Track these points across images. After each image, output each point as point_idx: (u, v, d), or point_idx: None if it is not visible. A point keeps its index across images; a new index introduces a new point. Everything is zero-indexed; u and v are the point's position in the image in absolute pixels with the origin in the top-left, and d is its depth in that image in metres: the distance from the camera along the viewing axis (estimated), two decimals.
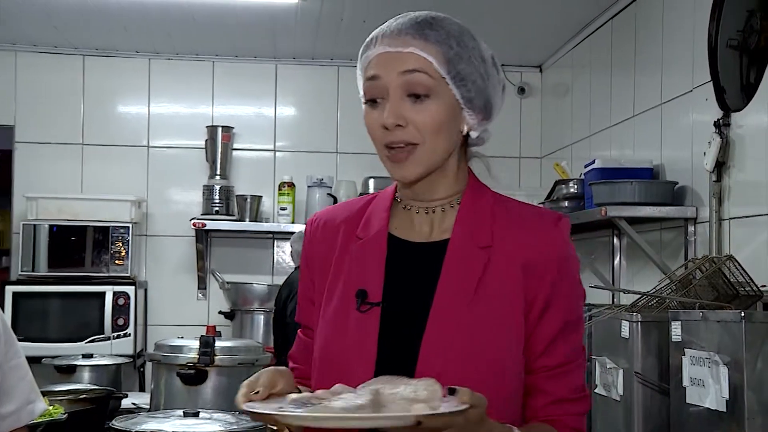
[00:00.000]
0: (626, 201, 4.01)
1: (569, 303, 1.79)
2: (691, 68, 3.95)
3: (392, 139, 1.74)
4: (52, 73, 6.30)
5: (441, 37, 1.75)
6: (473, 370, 1.68)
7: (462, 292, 1.74)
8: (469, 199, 1.83)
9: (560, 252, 1.79)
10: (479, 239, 1.78)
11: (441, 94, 1.75)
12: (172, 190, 6.39)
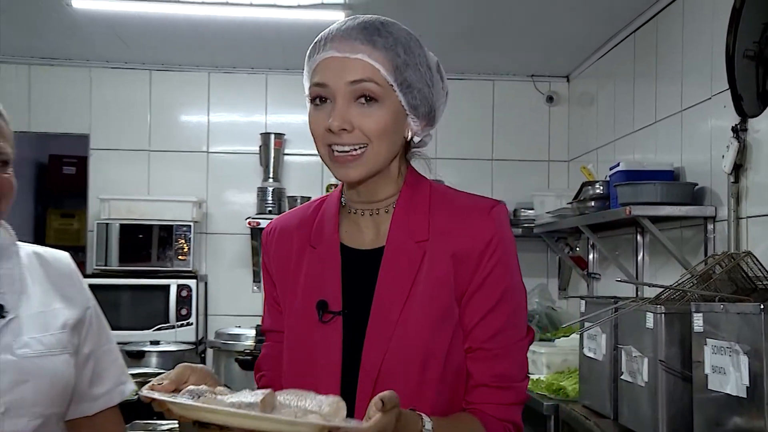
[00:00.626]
0: (649, 201, 3.97)
1: (495, 288, 1.70)
2: (709, 77, 3.90)
3: (337, 141, 1.68)
4: (122, 87, 6.34)
5: (389, 44, 1.69)
6: (407, 360, 1.65)
7: (398, 290, 1.70)
8: (406, 196, 1.78)
9: (489, 239, 1.70)
10: (416, 234, 1.73)
11: (387, 101, 1.69)
12: (229, 192, 6.39)
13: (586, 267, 5.62)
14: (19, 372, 1.76)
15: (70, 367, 1.87)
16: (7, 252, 1.87)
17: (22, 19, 5.27)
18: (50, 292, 1.90)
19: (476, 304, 1.70)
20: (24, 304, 1.84)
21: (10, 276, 1.84)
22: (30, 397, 1.77)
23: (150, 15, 5.11)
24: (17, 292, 1.83)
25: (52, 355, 1.83)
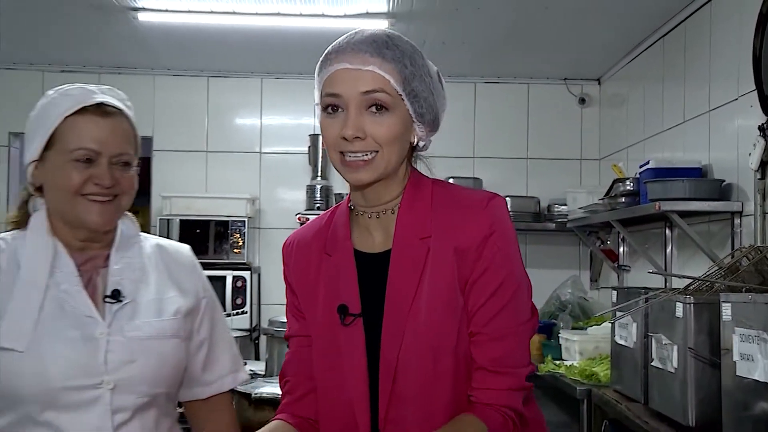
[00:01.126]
0: (678, 197, 3.94)
1: (495, 277, 1.68)
2: (736, 79, 3.86)
3: (350, 148, 1.67)
4: (182, 92, 6.39)
5: (397, 56, 1.69)
6: (422, 357, 1.65)
7: (406, 289, 1.69)
8: (409, 195, 1.77)
9: (487, 231, 1.68)
10: (420, 231, 1.72)
11: (397, 110, 1.69)
12: (281, 190, 6.42)
13: (616, 259, 5.59)
14: (129, 352, 1.80)
15: (180, 352, 1.91)
16: (130, 242, 1.93)
17: (93, 32, 5.35)
18: (167, 281, 1.94)
19: (477, 292, 1.68)
20: (142, 290, 1.88)
21: (131, 265, 1.89)
22: (137, 376, 1.80)
23: (208, 26, 5.15)
24: (136, 280, 1.88)
25: (161, 339, 1.86)
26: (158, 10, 4.86)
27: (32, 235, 1.86)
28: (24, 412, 1.74)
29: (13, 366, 1.73)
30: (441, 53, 5.62)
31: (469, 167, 6.23)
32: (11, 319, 1.75)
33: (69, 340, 1.77)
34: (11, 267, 1.83)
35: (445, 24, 4.95)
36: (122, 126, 1.86)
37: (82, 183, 1.79)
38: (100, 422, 1.75)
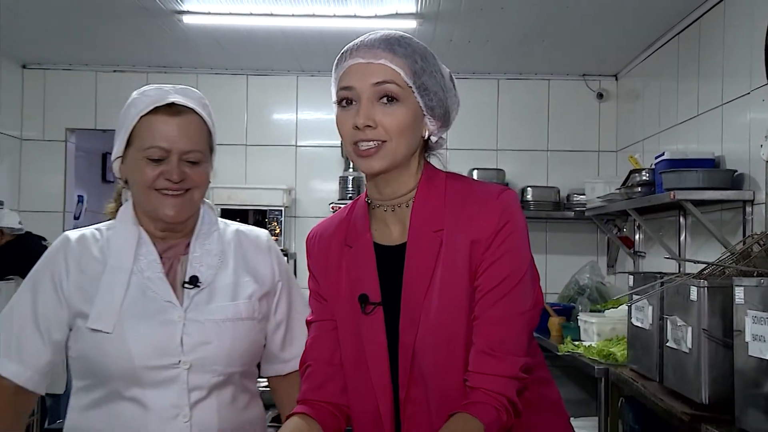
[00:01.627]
0: (692, 186, 3.91)
1: (503, 267, 1.64)
2: (749, 74, 3.82)
3: (362, 137, 1.65)
4: (223, 90, 6.42)
5: (408, 53, 1.68)
6: (434, 341, 1.64)
7: (421, 279, 1.67)
8: (424, 189, 1.74)
9: (498, 223, 1.65)
10: (433, 224, 1.70)
11: (406, 101, 1.67)
12: (315, 181, 6.44)
13: (632, 246, 5.57)
14: (204, 335, 1.82)
15: (254, 332, 1.92)
16: (210, 230, 1.94)
17: (141, 35, 5.41)
18: (243, 266, 1.94)
19: (485, 280, 1.65)
20: (219, 276, 1.89)
21: (209, 252, 1.90)
22: (212, 356, 1.82)
23: (248, 27, 5.18)
24: (214, 266, 1.89)
25: (235, 321, 1.87)
26: (202, 13, 4.90)
27: (120, 225, 1.89)
28: (112, 388, 1.79)
29: (102, 346, 1.77)
30: (466, 51, 5.62)
31: (493, 159, 6.23)
32: (100, 303, 1.79)
33: (149, 324, 1.80)
34: (104, 256, 1.86)
35: (470, 23, 4.94)
36: (192, 124, 1.85)
37: (154, 178, 1.80)
38: (179, 399, 1.78)
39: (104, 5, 4.77)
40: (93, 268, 1.84)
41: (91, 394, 1.82)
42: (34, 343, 1.82)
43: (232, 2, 4.70)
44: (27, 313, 1.84)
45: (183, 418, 1.78)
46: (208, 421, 1.82)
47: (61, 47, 5.87)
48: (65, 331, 1.84)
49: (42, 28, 5.36)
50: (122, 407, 1.79)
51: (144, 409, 1.78)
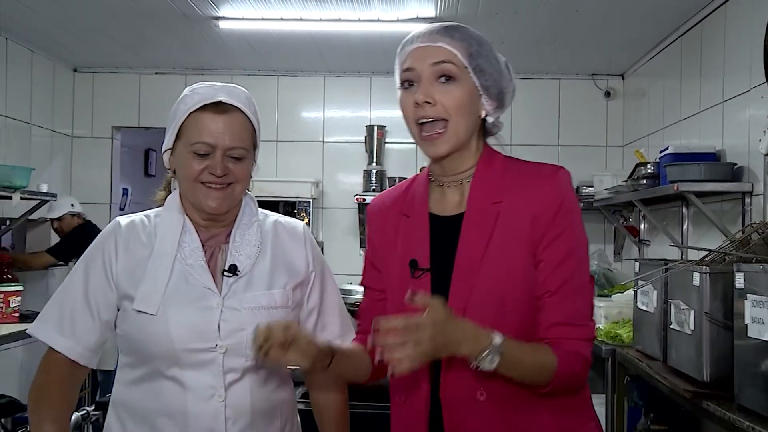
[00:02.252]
0: (694, 179, 3.90)
1: (567, 242, 1.66)
2: (749, 72, 3.80)
3: (422, 114, 1.68)
4: (255, 89, 6.31)
5: (464, 37, 1.71)
6: (485, 305, 1.63)
7: (477, 246, 1.67)
8: (483, 165, 1.76)
9: (556, 198, 1.67)
10: (492, 196, 1.70)
11: (463, 81, 1.69)
12: (341, 174, 6.45)
13: (638, 235, 5.54)
14: (239, 321, 1.81)
15: (286, 320, 1.89)
16: (250, 222, 1.92)
17: (181, 39, 5.43)
18: (280, 256, 1.93)
19: (549, 257, 1.65)
20: (257, 265, 1.88)
21: (249, 242, 1.89)
22: (245, 341, 1.79)
23: (278, 31, 5.19)
24: (252, 256, 1.87)
25: (270, 309, 1.85)
26: (236, 19, 4.91)
27: (166, 212, 1.89)
28: (154, 367, 1.80)
29: (146, 328, 1.78)
30: None
31: (506, 153, 6.20)
32: (146, 287, 1.80)
33: (190, 309, 1.80)
34: (151, 240, 1.86)
35: (486, 26, 4.90)
36: (237, 122, 1.84)
37: (199, 172, 1.80)
38: (214, 380, 1.79)
39: (147, 13, 4.80)
40: (140, 252, 1.85)
41: (136, 371, 1.84)
42: (85, 322, 1.83)
43: (264, 8, 4.71)
44: (79, 292, 1.85)
45: (218, 398, 1.79)
46: (241, 401, 1.82)
47: (108, 52, 5.91)
48: (114, 311, 1.86)
49: (91, 36, 5.41)
50: (163, 385, 1.80)
51: (183, 389, 1.79)
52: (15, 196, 4.71)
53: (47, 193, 5.10)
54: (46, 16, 4.95)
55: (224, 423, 1.79)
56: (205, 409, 1.78)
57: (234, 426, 1.80)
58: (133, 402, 1.84)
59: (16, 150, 5.48)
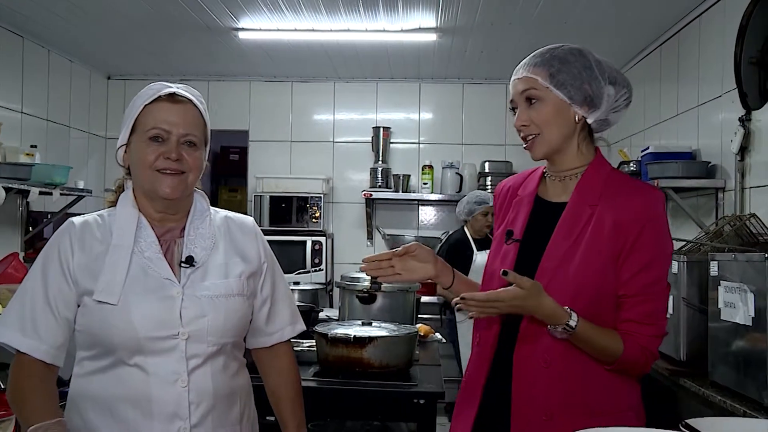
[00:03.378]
0: (672, 175, 3.91)
1: (649, 252, 1.72)
2: (721, 79, 3.80)
3: (523, 135, 1.84)
4: (271, 94, 6.45)
5: (545, 60, 1.80)
6: (564, 286, 1.71)
7: (569, 236, 1.77)
8: (591, 170, 1.84)
9: (645, 214, 1.73)
10: (590, 199, 1.78)
11: (547, 99, 1.79)
12: (349, 172, 6.45)
13: None
14: (200, 308, 1.76)
15: (243, 307, 1.84)
16: (203, 216, 1.87)
17: (204, 49, 5.44)
18: (233, 248, 1.87)
19: (631, 264, 1.71)
20: (211, 256, 1.82)
21: (203, 235, 1.84)
22: (207, 328, 1.75)
23: (292, 41, 5.20)
24: (207, 248, 1.82)
25: (227, 297, 1.80)
26: (254, 30, 4.93)
27: (121, 208, 1.82)
28: (118, 356, 1.71)
29: (108, 319, 1.70)
30: (479, 60, 5.61)
31: (502, 153, 6.22)
32: (105, 278, 1.71)
33: (151, 299, 1.72)
34: (106, 237, 1.78)
35: (483, 37, 4.94)
36: (191, 112, 1.79)
37: (155, 158, 1.74)
38: (178, 366, 1.72)
39: (174, 25, 4.82)
40: (96, 248, 1.76)
41: (96, 363, 1.74)
42: (47, 321, 1.72)
43: (280, 20, 4.72)
44: (38, 292, 1.74)
45: (182, 383, 1.72)
46: (203, 385, 1.75)
47: (138, 61, 5.94)
48: (74, 308, 1.75)
49: (124, 46, 5.43)
50: (126, 373, 1.71)
51: (146, 375, 1.70)
52: (55, 192, 4.75)
53: (84, 189, 5.13)
54: (84, 30, 4.97)
55: (188, 407, 1.72)
56: (169, 394, 1.71)
57: (197, 410, 1.73)
58: (94, 392, 1.73)
59: (56, 150, 5.51)
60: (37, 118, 5.30)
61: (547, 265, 1.76)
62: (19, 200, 5.00)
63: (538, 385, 1.74)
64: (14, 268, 4.44)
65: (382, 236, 6.20)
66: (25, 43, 5.13)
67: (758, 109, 3.43)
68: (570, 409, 1.72)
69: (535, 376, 1.75)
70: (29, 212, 5.15)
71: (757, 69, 3.45)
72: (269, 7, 4.46)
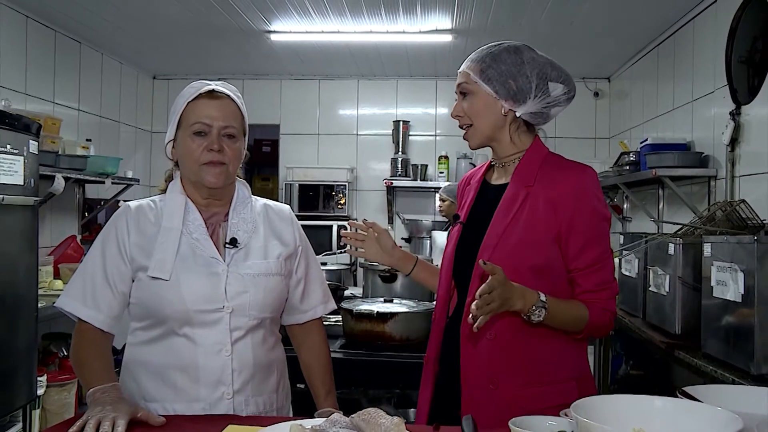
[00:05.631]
0: (669, 165, 3.90)
1: (588, 226, 1.70)
2: (713, 77, 3.79)
3: (459, 124, 1.84)
4: (300, 91, 6.47)
5: (480, 57, 1.79)
6: (503, 261, 1.65)
7: (507, 215, 1.75)
8: (528, 155, 1.82)
9: (577, 190, 1.70)
10: (526, 181, 1.77)
11: (476, 93, 1.78)
12: (371, 162, 6.46)
13: (621, 212, 5.53)
14: (243, 285, 1.77)
15: (280, 286, 1.85)
16: (245, 202, 1.89)
17: (239, 50, 5.47)
18: (271, 232, 1.89)
19: (574, 241, 1.70)
20: (252, 239, 1.84)
21: (245, 219, 1.86)
22: (249, 303, 1.77)
23: (320, 42, 5.21)
24: (249, 231, 1.84)
25: (266, 276, 1.81)
26: (285, 32, 4.95)
27: (170, 194, 1.84)
28: (169, 327, 1.73)
29: (160, 293, 1.72)
30: None
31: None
32: (158, 256, 1.74)
33: (199, 275, 1.74)
34: (158, 219, 1.80)
35: (494, 36, 4.86)
36: (229, 106, 1.80)
37: (200, 152, 1.76)
38: (222, 337, 1.74)
39: (212, 29, 4.86)
40: (149, 230, 1.79)
41: (149, 333, 1.76)
42: (105, 293, 1.75)
43: (308, 23, 4.74)
44: (98, 268, 1.76)
45: (225, 353, 1.74)
46: (245, 355, 1.77)
47: (180, 62, 5.99)
48: (129, 283, 1.77)
49: (167, 49, 5.49)
50: (176, 342, 1.73)
51: (194, 344, 1.73)
52: (107, 181, 4.82)
53: (132, 178, 5.20)
54: (132, 35, 5.03)
55: (231, 375, 1.74)
56: (214, 362, 1.73)
57: (239, 378, 1.75)
58: (146, 360, 1.76)
59: (107, 143, 5.59)
60: (91, 115, 5.38)
61: (488, 243, 1.75)
62: (76, 188, 5.08)
63: (483, 356, 1.73)
64: (73, 249, 4.53)
65: (402, 221, 6.23)
66: (82, 48, 5.21)
67: (747, 103, 3.43)
68: (515, 379, 1.71)
69: (481, 347, 1.73)
70: (85, 199, 5.23)
71: (746, 67, 3.45)
72: (299, 11, 4.48)
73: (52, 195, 4.22)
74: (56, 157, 4.29)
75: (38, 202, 3.31)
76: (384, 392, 3.00)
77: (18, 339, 3.11)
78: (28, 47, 4.51)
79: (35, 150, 3.21)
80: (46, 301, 3.54)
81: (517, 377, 1.71)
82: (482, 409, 1.69)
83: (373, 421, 1.38)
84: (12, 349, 3.07)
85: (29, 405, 3.29)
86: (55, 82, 4.85)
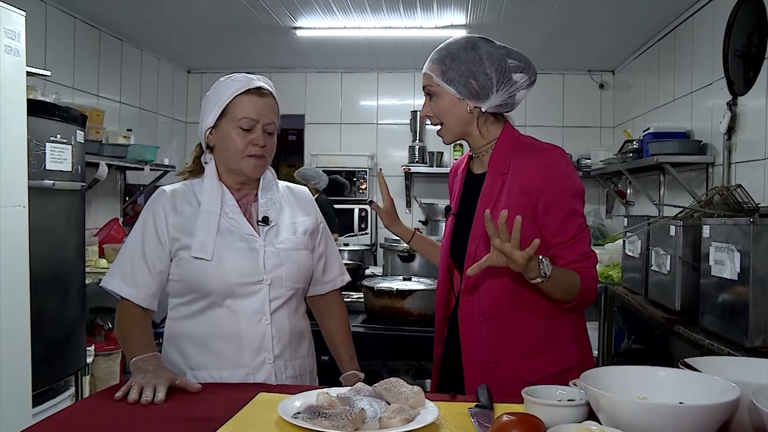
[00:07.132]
0: (670, 152, 3.88)
1: (563, 202, 1.69)
2: (711, 69, 3.76)
3: (431, 122, 1.81)
4: (324, 83, 6.48)
5: (440, 58, 1.75)
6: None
7: (489, 203, 1.73)
8: (500, 143, 1.80)
9: (547, 172, 1.68)
10: (500, 170, 1.76)
11: (441, 94, 1.76)
12: (390, 149, 6.46)
13: (624, 197, 5.52)
14: (278, 258, 1.80)
15: (309, 260, 1.88)
16: (270, 185, 1.91)
17: (266, 45, 5.48)
18: (297, 210, 1.92)
19: (551, 218, 1.69)
20: (281, 217, 1.87)
21: (272, 199, 1.88)
22: (284, 275, 1.80)
23: (343, 37, 5.22)
24: (277, 210, 1.86)
25: (297, 250, 1.84)
26: (310, 28, 4.96)
27: (208, 180, 1.83)
28: (212, 299, 1.75)
29: (204, 270, 1.74)
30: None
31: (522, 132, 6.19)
32: (199, 238, 1.75)
33: (239, 251, 1.76)
34: (192, 201, 1.82)
35: (506, 31, 4.90)
36: (272, 105, 1.81)
37: (245, 145, 1.77)
38: (261, 307, 1.77)
39: (242, 26, 4.88)
40: (187, 211, 1.80)
41: (192, 307, 1.78)
42: (143, 273, 1.77)
43: (332, 19, 4.75)
44: (137, 250, 1.78)
45: (265, 321, 1.77)
46: (282, 323, 1.80)
47: (213, 57, 6.01)
48: (167, 263, 1.78)
49: (200, 45, 5.51)
50: (219, 314, 1.75)
51: (236, 315, 1.75)
52: (146, 168, 4.88)
53: (168, 165, 5.25)
54: (169, 33, 5.07)
55: (271, 341, 1.77)
56: (255, 331, 1.76)
57: (278, 344, 1.78)
58: (190, 332, 1.78)
59: (146, 133, 5.65)
60: (131, 107, 5.43)
61: (476, 234, 1.75)
62: (118, 175, 5.15)
63: (480, 338, 1.74)
64: (115, 231, 4.60)
65: (419, 205, 6.23)
66: (124, 46, 5.26)
67: (743, 95, 3.40)
68: (513, 354, 1.71)
69: (477, 330, 1.75)
70: (126, 185, 5.30)
71: (742, 60, 3.42)
72: (323, 8, 4.49)
73: (96, 181, 4.29)
74: (100, 146, 4.35)
75: (85, 187, 3.37)
76: (402, 364, 3.04)
77: (68, 312, 3.18)
78: (75, 46, 4.57)
79: (82, 139, 3.27)
80: (92, 278, 3.61)
81: (514, 352, 1.72)
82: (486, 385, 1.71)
83: (394, 390, 1.41)
84: (64, 321, 3.14)
85: (80, 372, 3.37)
86: (99, 77, 4.91)
